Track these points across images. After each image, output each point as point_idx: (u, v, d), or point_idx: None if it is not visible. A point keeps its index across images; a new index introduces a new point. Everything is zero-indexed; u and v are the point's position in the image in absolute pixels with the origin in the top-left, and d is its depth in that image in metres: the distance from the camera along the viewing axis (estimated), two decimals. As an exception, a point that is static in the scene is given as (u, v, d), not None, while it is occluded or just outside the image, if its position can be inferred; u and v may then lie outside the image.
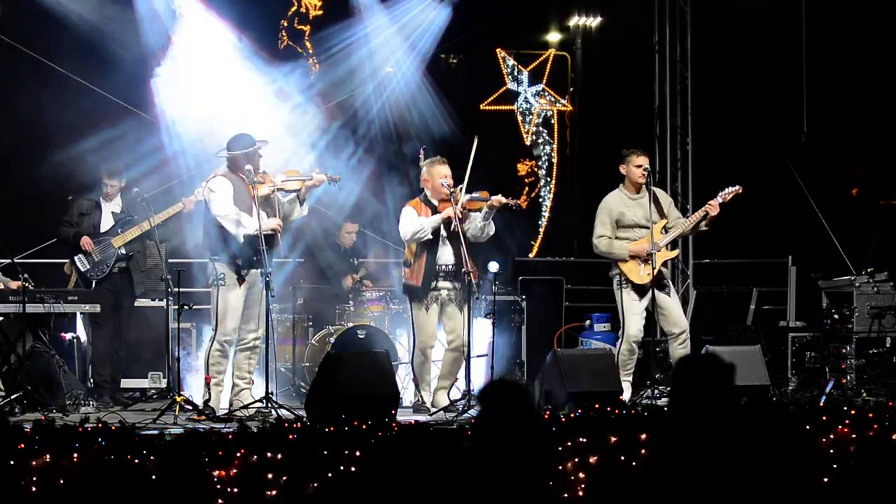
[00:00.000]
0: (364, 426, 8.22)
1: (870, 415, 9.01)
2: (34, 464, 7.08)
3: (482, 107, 16.91)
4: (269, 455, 7.42)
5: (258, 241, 10.39)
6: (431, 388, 11.35)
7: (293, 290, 13.01)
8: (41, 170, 13.06)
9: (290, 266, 13.07)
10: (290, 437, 7.80)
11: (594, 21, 17.20)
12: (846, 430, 8.69)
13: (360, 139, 15.18)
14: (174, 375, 11.22)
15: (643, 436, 8.30)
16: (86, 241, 11.86)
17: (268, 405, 10.29)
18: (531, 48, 17.26)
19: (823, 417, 8.85)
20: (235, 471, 7.22)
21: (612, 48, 16.63)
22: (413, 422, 8.89)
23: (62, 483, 6.92)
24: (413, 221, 11.23)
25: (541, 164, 17.11)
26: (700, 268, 15.78)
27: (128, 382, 12.51)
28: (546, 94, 17.21)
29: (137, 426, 8.51)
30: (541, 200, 16.96)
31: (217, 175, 10.84)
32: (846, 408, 9.30)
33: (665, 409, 10.02)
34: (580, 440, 8.18)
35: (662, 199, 11.89)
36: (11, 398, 10.58)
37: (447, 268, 11.23)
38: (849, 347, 12.90)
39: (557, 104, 17.25)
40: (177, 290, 11.00)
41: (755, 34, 15.03)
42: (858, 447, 8.05)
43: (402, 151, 14.94)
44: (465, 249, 11.00)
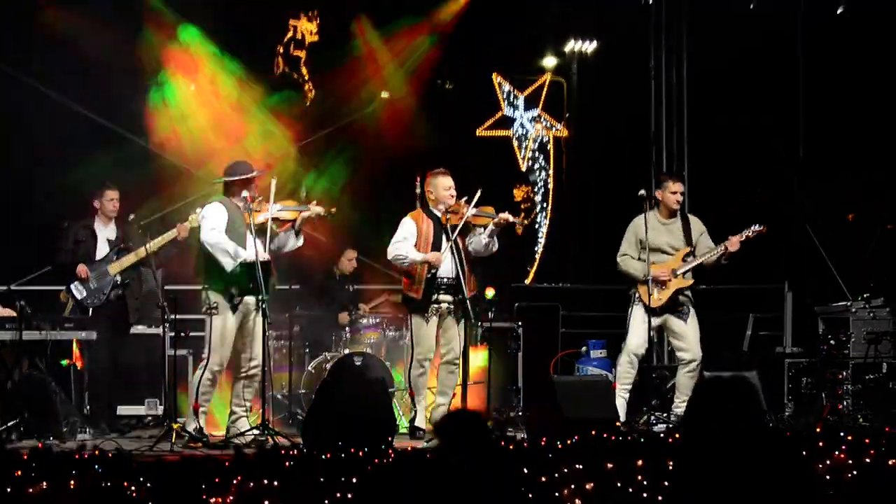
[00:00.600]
0: (360, 453, 8.21)
1: (866, 440, 9.01)
2: (31, 491, 7.06)
3: (478, 132, 16.91)
4: (266, 482, 7.40)
5: (255, 269, 10.39)
6: (427, 403, 11.37)
7: (289, 317, 12.99)
8: (35, 196, 13.06)
9: (286, 293, 13.07)
10: (287, 464, 7.79)
11: (590, 46, 17.21)
12: (843, 457, 8.69)
13: (357, 165, 15.20)
14: (170, 402, 11.21)
15: (640, 462, 8.29)
16: (82, 270, 11.85)
17: (264, 432, 10.28)
18: (527, 73, 17.27)
19: (820, 443, 8.84)
20: (232, 497, 7.20)
21: (609, 73, 16.64)
22: (409, 448, 8.87)
23: (59, 510, 6.92)
24: (402, 244, 11.24)
25: (537, 190, 17.11)
26: (696, 293, 15.73)
27: (124, 409, 12.50)
28: (542, 120, 17.22)
29: (134, 453, 8.49)
30: (537, 226, 16.95)
31: (213, 202, 10.83)
32: (843, 434, 9.29)
33: (674, 431, 10.05)
34: (576, 467, 8.17)
35: (694, 228, 12.00)
36: (8, 425, 10.54)
37: (448, 280, 11.22)
38: (845, 373, 12.88)
39: (553, 129, 17.26)
40: (173, 317, 10.99)
41: (752, 62, 15.08)
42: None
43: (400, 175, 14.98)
44: (465, 263, 11.01)
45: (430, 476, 5.08)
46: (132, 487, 7.01)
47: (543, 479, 7.94)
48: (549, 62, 17.40)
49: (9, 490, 7.04)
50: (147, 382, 12.61)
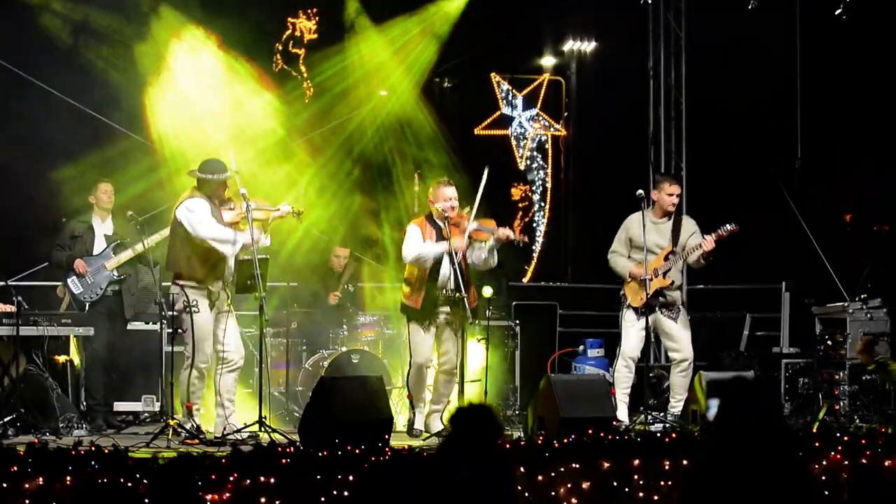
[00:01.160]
0: (357, 451, 8.21)
1: (862, 441, 9.02)
2: (27, 486, 7.07)
3: (476, 131, 16.91)
4: (263, 479, 7.41)
5: (253, 266, 10.39)
6: (425, 409, 11.36)
7: (287, 315, 12.99)
8: (33, 192, 13.05)
9: (283, 290, 13.08)
10: (284, 462, 7.79)
11: (589, 46, 17.21)
12: (839, 457, 8.70)
13: (354, 163, 15.21)
14: (167, 399, 11.20)
15: (636, 461, 8.31)
16: (80, 265, 11.85)
17: (261, 429, 10.28)
18: (526, 73, 17.27)
19: (816, 444, 8.86)
20: (228, 495, 7.21)
21: (607, 73, 16.65)
22: (406, 447, 8.87)
23: (55, 506, 6.92)
24: (417, 245, 11.16)
25: (535, 189, 17.11)
26: (693, 293, 15.78)
27: (121, 405, 12.49)
28: (540, 119, 17.22)
29: (130, 449, 8.48)
30: (535, 225, 16.95)
31: (193, 196, 10.75)
32: (839, 434, 9.31)
33: (671, 431, 10.09)
34: (573, 466, 8.18)
35: (686, 228, 11.99)
36: (5, 421, 10.55)
37: (447, 293, 11.19)
38: (842, 373, 12.90)
39: (552, 129, 17.26)
40: (170, 314, 10.97)
41: (750, 59, 15.09)
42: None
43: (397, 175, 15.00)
44: (465, 275, 10.99)
45: (427, 474, 5.08)
46: (128, 484, 7.02)
47: (541, 478, 7.96)
48: (548, 62, 17.40)
49: (5, 485, 7.05)
50: (143, 379, 12.59)
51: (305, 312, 13.47)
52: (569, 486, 7.93)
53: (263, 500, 7.26)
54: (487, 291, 11.49)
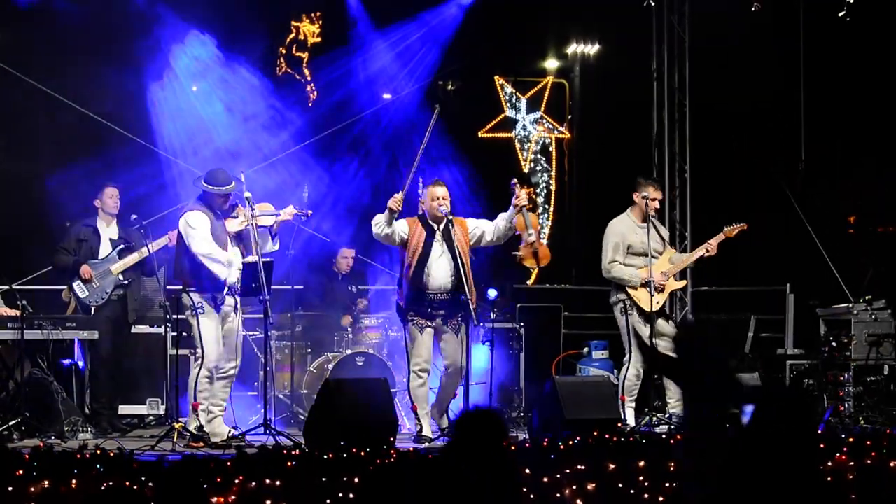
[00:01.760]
0: (362, 453, 8.22)
1: (867, 442, 9.02)
2: (32, 490, 7.07)
3: (480, 134, 16.93)
4: (268, 482, 7.41)
5: (257, 269, 10.40)
6: (430, 417, 11.34)
7: (292, 318, 12.99)
8: (38, 195, 13.07)
9: (289, 293, 13.08)
10: (289, 464, 7.80)
11: (592, 48, 17.23)
12: (844, 458, 8.70)
13: (358, 165, 15.22)
14: (172, 402, 11.21)
15: (641, 463, 8.30)
16: (85, 270, 11.84)
17: (266, 432, 10.29)
18: (529, 75, 17.30)
19: (821, 445, 8.85)
20: (234, 497, 7.21)
21: (611, 75, 16.65)
22: (412, 449, 8.88)
23: (60, 509, 6.93)
24: (377, 216, 11.06)
25: (539, 192, 17.11)
26: (698, 295, 15.79)
27: (126, 409, 12.49)
28: (544, 122, 17.23)
29: (136, 453, 8.49)
30: (539, 227, 16.95)
31: (194, 209, 10.77)
32: (844, 435, 9.31)
33: (676, 433, 10.09)
34: (578, 467, 8.17)
35: (661, 231, 12.00)
36: (10, 424, 10.56)
37: (441, 295, 11.14)
38: (846, 375, 12.89)
39: (555, 131, 17.28)
40: (175, 317, 10.99)
41: (753, 61, 15.09)
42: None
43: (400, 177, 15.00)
44: (466, 274, 10.94)
45: (433, 476, 5.08)
46: (134, 487, 7.02)
47: (546, 480, 7.96)
48: (552, 64, 17.43)
49: (10, 489, 7.05)
50: (149, 382, 12.61)
51: (310, 315, 13.47)
52: (574, 488, 7.93)
53: (269, 503, 7.26)
54: (492, 294, 11.48)
